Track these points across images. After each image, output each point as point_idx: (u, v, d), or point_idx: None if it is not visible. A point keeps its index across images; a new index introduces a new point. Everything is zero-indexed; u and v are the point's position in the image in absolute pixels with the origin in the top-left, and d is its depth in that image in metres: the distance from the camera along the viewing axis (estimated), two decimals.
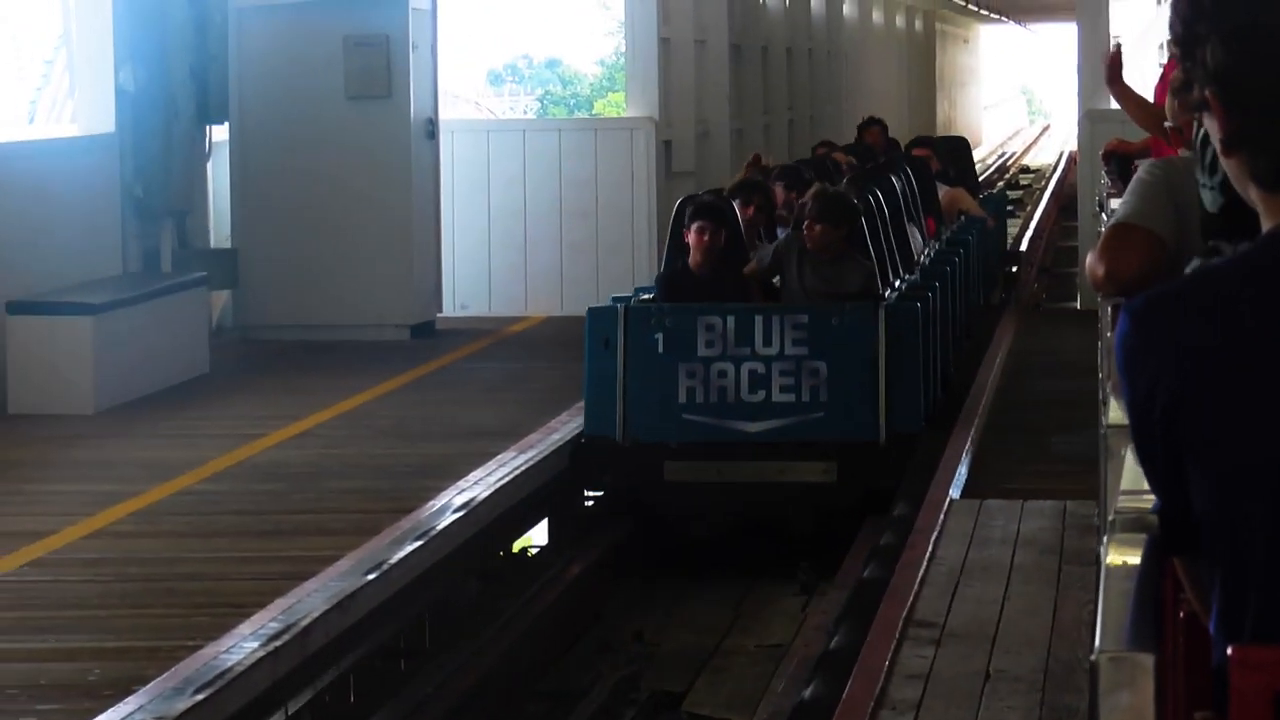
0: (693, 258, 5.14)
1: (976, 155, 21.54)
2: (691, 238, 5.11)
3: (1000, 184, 17.97)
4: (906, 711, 2.91)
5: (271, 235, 7.59)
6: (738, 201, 5.63)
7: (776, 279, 5.37)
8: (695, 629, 4.58)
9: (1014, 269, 10.29)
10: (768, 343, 4.89)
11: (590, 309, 5.16)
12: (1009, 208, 14.07)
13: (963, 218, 8.26)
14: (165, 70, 7.10)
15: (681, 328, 4.94)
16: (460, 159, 8.75)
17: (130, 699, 3.08)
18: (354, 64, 7.54)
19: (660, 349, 4.91)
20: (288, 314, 7.52)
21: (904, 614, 3.50)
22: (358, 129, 7.57)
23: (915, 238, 6.85)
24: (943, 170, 8.57)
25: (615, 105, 19.00)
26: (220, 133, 7.64)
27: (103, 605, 3.93)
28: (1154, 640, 0.84)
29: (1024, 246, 11.98)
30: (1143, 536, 0.99)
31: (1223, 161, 0.94)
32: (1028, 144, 31.36)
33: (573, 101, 22.65)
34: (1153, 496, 0.96)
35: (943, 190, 8.18)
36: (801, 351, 4.89)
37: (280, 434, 5.61)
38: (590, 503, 5.11)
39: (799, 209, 5.28)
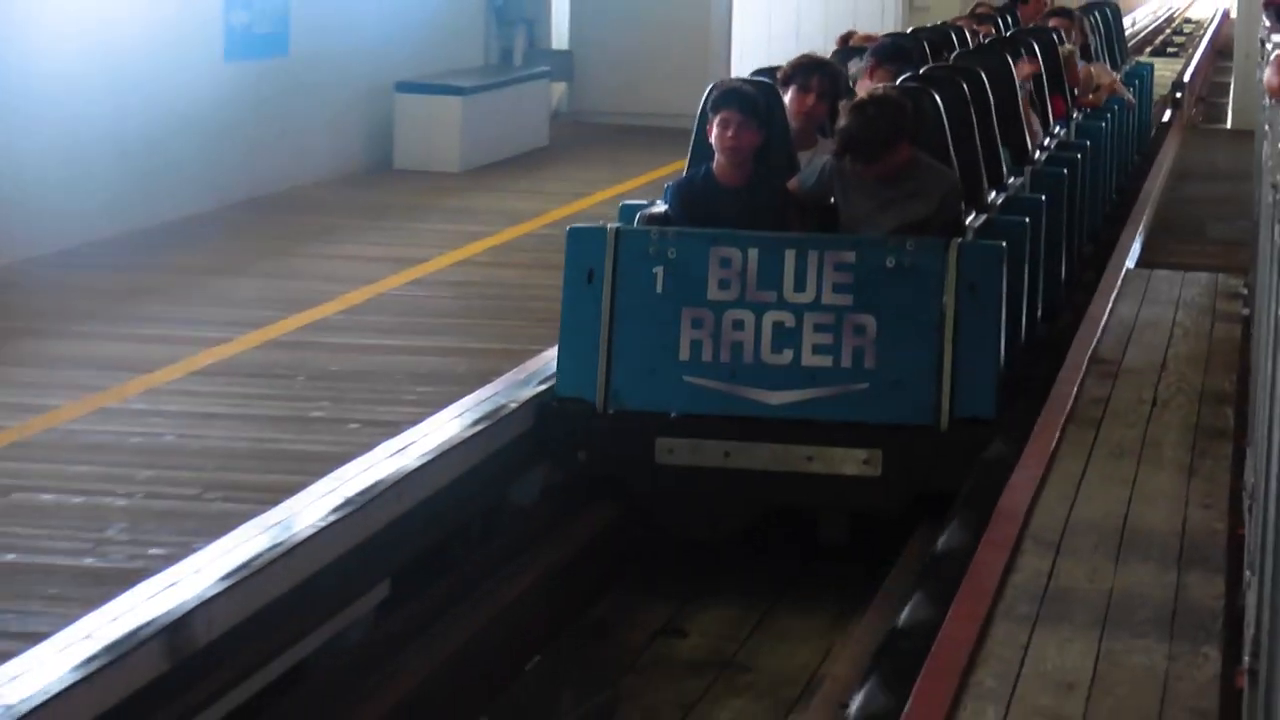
0: (717, 162, 3.82)
1: (1143, 12, 25.00)
2: (715, 134, 3.78)
3: (1158, 41, 20.68)
4: (1089, 427, 3.73)
5: (601, 39, 10.03)
6: (793, 88, 4.15)
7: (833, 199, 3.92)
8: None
9: (1179, 95, 12.11)
10: (800, 287, 3.58)
11: (571, 229, 3.85)
12: (1171, 50, 17.86)
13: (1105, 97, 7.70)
14: None
15: (688, 260, 3.62)
16: None
17: (488, 386, 3.94)
18: None
19: (659, 288, 3.63)
20: (611, 103, 9.97)
21: (1088, 354, 4.49)
22: None
23: (1036, 127, 5.90)
24: (1085, 44, 8.07)
25: None
26: None
27: (467, 316, 5.24)
28: None
29: (1186, 78, 13.62)
30: None
31: None
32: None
33: None
34: None
35: (1081, 66, 7.57)
36: (845, 300, 3.58)
37: (604, 193, 7.28)
38: None
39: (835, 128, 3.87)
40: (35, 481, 3.21)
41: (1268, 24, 6.02)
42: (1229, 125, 11.09)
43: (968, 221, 4.01)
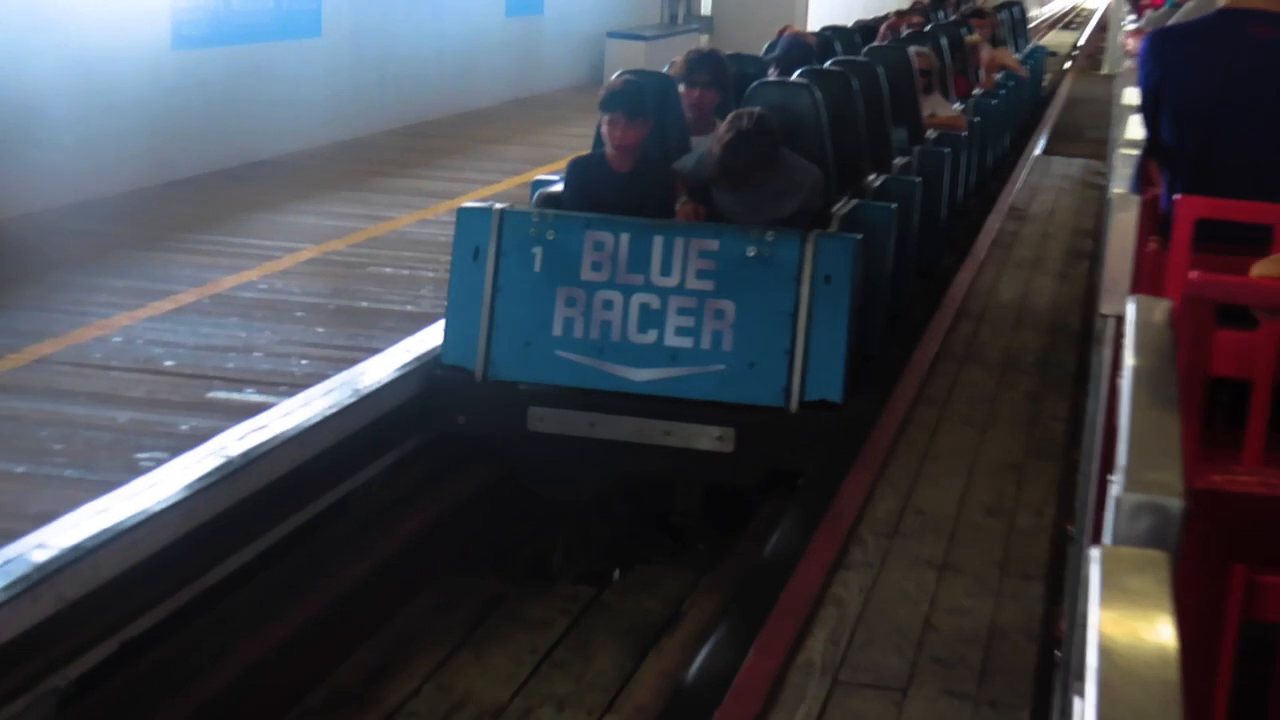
0: (608, 152, 4.03)
1: (1056, 5, 33.99)
2: (604, 130, 3.98)
3: (1065, 21, 29.28)
4: (1005, 247, 6.29)
5: (729, 7, 14.11)
6: (682, 85, 4.35)
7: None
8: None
9: (1074, 52, 19.45)
10: (666, 271, 3.75)
11: (460, 209, 3.99)
12: (1074, 26, 27.50)
13: (1002, 73, 9.59)
14: None
15: (565, 242, 3.79)
16: None
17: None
18: None
19: (537, 266, 3.80)
20: (734, 49, 10.29)
21: (1008, 203, 7.47)
22: None
23: (943, 105, 6.81)
24: (994, 34, 10.21)
25: None
26: None
27: None
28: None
29: (1080, 43, 22.01)
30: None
31: None
32: None
33: None
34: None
35: (986, 51, 9.29)
36: (707, 286, 3.74)
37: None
38: None
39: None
40: (379, 261, 5.31)
41: (1126, 10, 11.35)
42: (1104, 71, 15.41)
43: (836, 209, 4.16)
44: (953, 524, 3.09)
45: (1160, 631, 0.93)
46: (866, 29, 7.96)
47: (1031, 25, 18.74)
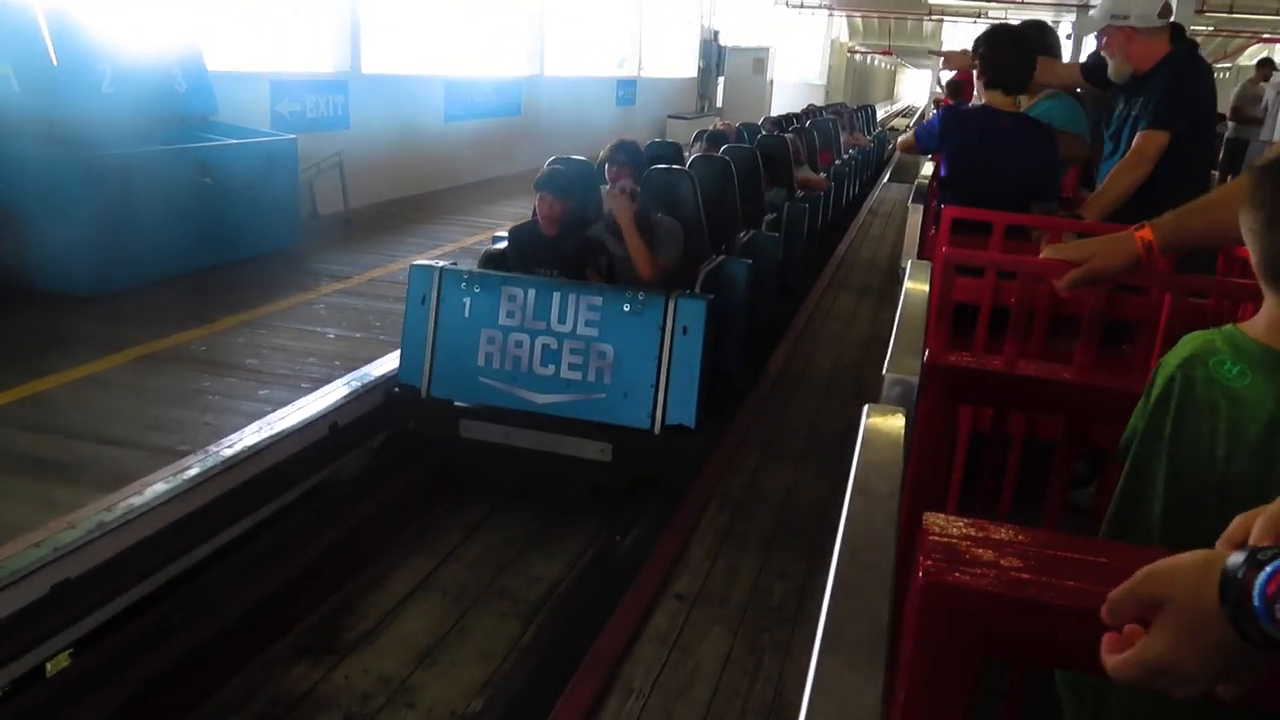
0: (540, 220, 4.97)
1: (900, 104, 51.91)
2: (537, 203, 4.96)
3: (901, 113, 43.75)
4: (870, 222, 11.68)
5: (731, 103, 22.42)
6: (608, 165, 5.42)
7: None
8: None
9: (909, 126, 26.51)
10: (562, 320, 4.65)
11: (412, 267, 4.88)
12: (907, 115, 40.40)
13: (854, 148, 13.67)
14: None
15: (487, 296, 4.74)
16: None
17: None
18: None
19: (466, 313, 4.74)
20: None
21: (865, 212, 12.56)
22: None
23: (809, 172, 9.25)
24: (852, 123, 15.63)
25: None
26: None
27: None
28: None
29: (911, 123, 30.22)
30: None
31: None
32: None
33: None
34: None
35: (845, 135, 13.69)
36: (593, 333, 4.61)
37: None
38: None
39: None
40: None
41: (933, 108, 14.74)
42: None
43: (704, 266, 5.14)
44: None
45: (893, 443, 1.43)
46: (782, 118, 12.09)
47: (885, 114, 34.88)
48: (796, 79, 30.29)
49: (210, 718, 3.39)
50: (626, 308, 4.58)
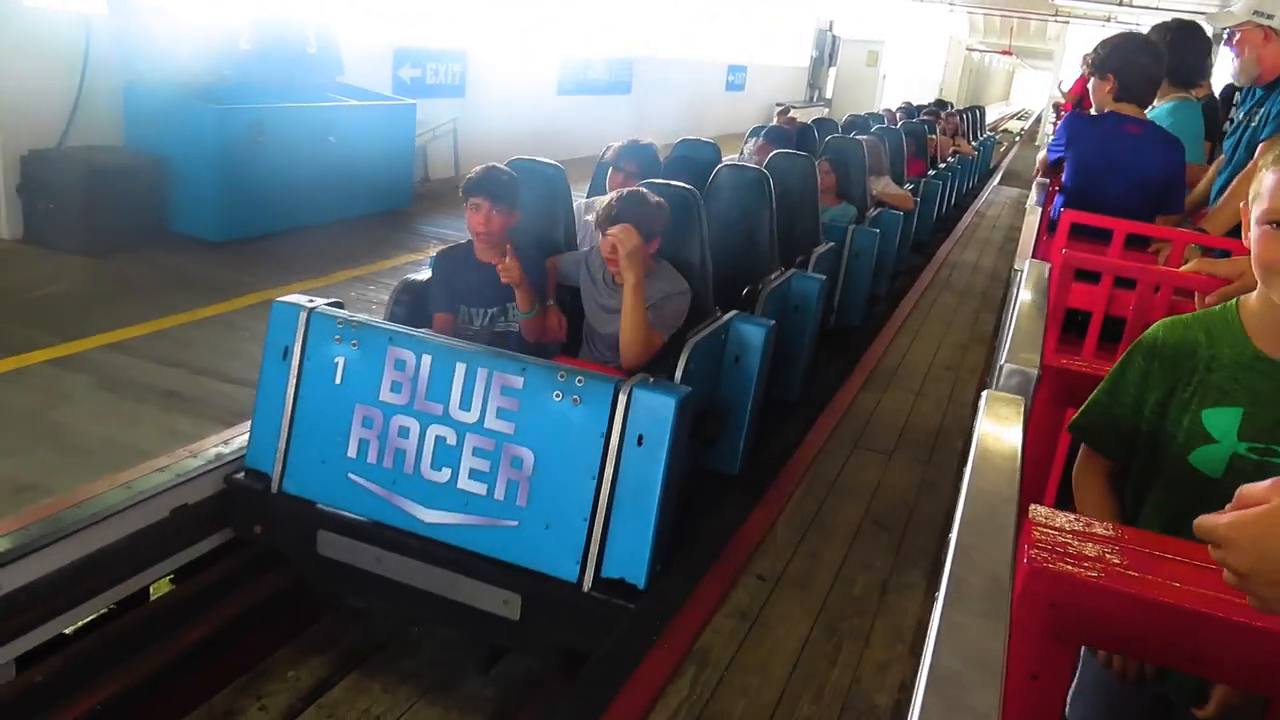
0: (473, 238, 3.55)
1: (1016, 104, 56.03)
2: (467, 217, 3.52)
3: (1015, 115, 45.24)
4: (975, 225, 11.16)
5: (839, 92, 23.56)
6: (611, 169, 4.24)
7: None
8: None
9: (1018, 136, 29.00)
10: (466, 404, 3.09)
11: (275, 302, 3.38)
12: (1021, 119, 42.08)
13: (956, 155, 12.40)
14: None
15: (367, 355, 3.21)
16: None
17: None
18: None
19: (338, 378, 3.24)
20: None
21: (971, 215, 11.99)
22: None
23: (888, 185, 7.65)
24: (955, 129, 13.37)
25: None
26: None
27: None
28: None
29: (1023, 129, 33.01)
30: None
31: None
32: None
33: None
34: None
35: (943, 140, 12.07)
36: (506, 428, 3.06)
37: None
38: None
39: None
40: None
41: (1053, 114, 15.94)
42: (1037, 143, 21.86)
43: (693, 336, 3.51)
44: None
45: (1011, 436, 1.37)
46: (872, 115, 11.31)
47: (999, 117, 36.04)
48: (911, 75, 29.94)
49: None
50: (558, 395, 3.03)
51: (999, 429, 1.41)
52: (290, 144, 6.93)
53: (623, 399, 2.98)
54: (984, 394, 1.56)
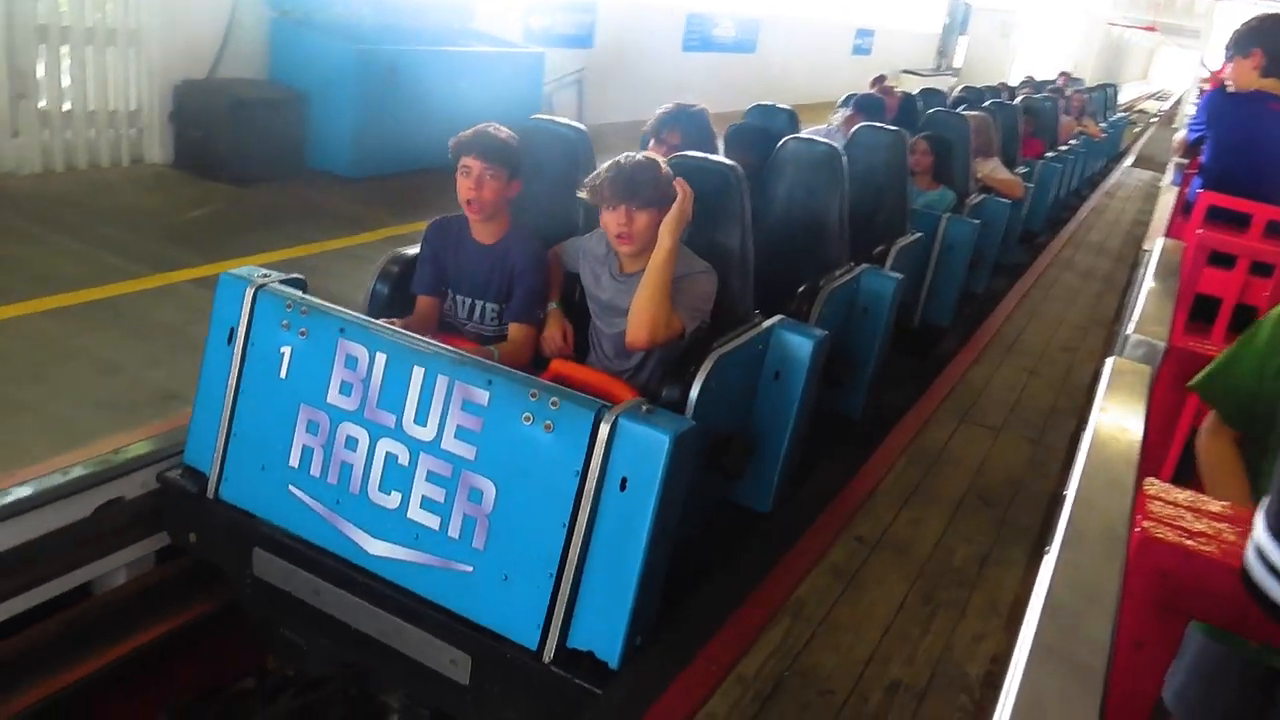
0: (464, 208, 3.02)
1: (1156, 84, 50.31)
2: (458, 183, 3.01)
3: (1154, 95, 40.48)
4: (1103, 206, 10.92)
5: (970, 62, 23.97)
6: (652, 141, 3.59)
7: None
8: None
9: (1155, 116, 25.35)
10: (421, 419, 2.55)
11: (224, 274, 2.86)
12: (1160, 98, 36.59)
13: (1082, 136, 11.38)
14: None
15: (317, 347, 2.68)
16: None
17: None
18: None
19: (283, 371, 2.73)
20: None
21: (1100, 195, 11.70)
22: None
23: (996, 169, 6.64)
24: (1082, 109, 12.43)
25: None
26: None
27: None
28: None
29: (1165, 108, 29.16)
30: None
31: None
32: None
33: None
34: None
35: (1069, 121, 11.35)
36: (467, 452, 2.49)
37: None
38: None
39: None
40: None
41: (1196, 94, 13.51)
42: (1174, 125, 20.18)
43: (713, 351, 2.83)
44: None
45: (1135, 402, 1.41)
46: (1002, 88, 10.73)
47: (1135, 97, 32.81)
48: (1043, 48, 28.97)
49: None
50: (530, 418, 2.44)
51: (1124, 395, 1.42)
52: (421, 87, 7.11)
53: (604, 431, 2.37)
54: (1109, 359, 1.57)
